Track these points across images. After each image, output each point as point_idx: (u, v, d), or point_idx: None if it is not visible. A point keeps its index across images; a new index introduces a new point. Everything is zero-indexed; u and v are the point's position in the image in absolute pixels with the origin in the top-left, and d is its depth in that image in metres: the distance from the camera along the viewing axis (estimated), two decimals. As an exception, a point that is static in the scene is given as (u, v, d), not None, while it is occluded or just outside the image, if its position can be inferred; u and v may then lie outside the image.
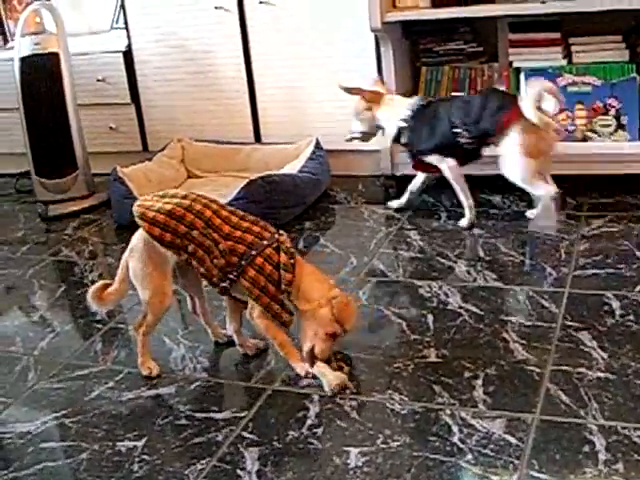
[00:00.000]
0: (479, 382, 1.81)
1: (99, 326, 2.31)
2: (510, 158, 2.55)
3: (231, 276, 1.91)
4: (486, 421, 1.68)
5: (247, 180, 2.87)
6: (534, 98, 2.46)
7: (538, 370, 1.82)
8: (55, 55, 3.11)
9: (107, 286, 2.01)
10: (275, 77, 3.25)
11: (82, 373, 2.06)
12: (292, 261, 1.90)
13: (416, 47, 3.22)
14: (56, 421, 1.87)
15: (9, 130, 3.60)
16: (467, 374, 1.85)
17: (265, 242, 1.91)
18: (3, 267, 2.84)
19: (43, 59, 3.11)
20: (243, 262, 1.89)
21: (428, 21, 3.00)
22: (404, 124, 2.69)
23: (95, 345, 2.20)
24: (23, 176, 3.55)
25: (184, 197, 1.97)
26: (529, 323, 2.03)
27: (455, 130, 2.59)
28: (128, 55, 3.46)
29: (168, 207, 1.93)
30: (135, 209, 1.96)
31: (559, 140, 2.63)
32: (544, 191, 2.56)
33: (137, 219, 1.94)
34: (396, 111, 2.72)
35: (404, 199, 2.89)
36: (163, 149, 3.36)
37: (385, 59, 3.02)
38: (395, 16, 2.93)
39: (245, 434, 1.74)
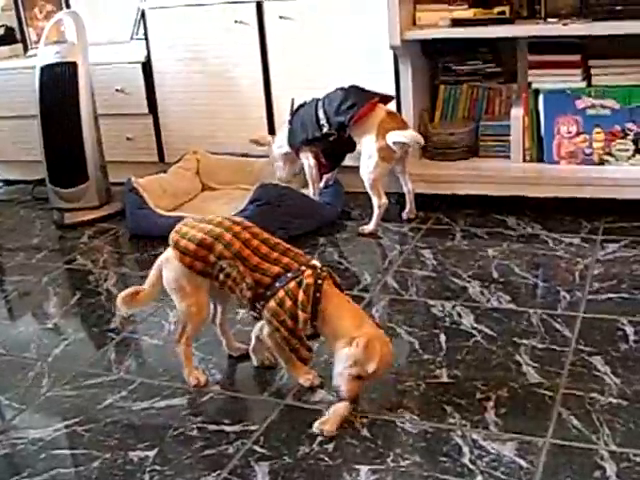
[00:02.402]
0: (491, 404, 1.81)
1: (113, 335, 2.32)
2: (364, 158, 2.85)
3: (258, 306, 1.90)
4: (497, 443, 1.68)
5: (260, 182, 2.91)
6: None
7: (550, 394, 1.82)
8: (73, 65, 3.13)
9: (138, 292, 2.03)
10: (293, 92, 3.26)
11: (95, 382, 2.07)
12: (316, 295, 1.82)
13: (435, 65, 3.23)
14: (68, 429, 1.88)
15: (28, 137, 3.62)
16: (479, 395, 1.85)
17: (290, 275, 1.86)
18: (18, 274, 2.86)
19: (62, 68, 3.14)
20: (268, 293, 1.87)
21: (447, 40, 3.01)
22: (289, 126, 3.03)
23: (108, 354, 2.21)
24: (40, 183, 3.57)
25: (218, 224, 1.94)
26: (542, 346, 2.03)
27: (320, 122, 2.89)
28: (147, 66, 3.48)
29: (199, 236, 1.91)
30: (171, 236, 1.97)
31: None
32: (377, 200, 2.86)
33: (171, 247, 1.96)
34: (283, 127, 3.10)
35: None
36: (178, 161, 3.39)
37: (403, 76, 3.03)
38: (414, 34, 2.95)
39: (256, 448, 1.74)
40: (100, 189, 3.32)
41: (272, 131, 3.33)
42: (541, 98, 2.92)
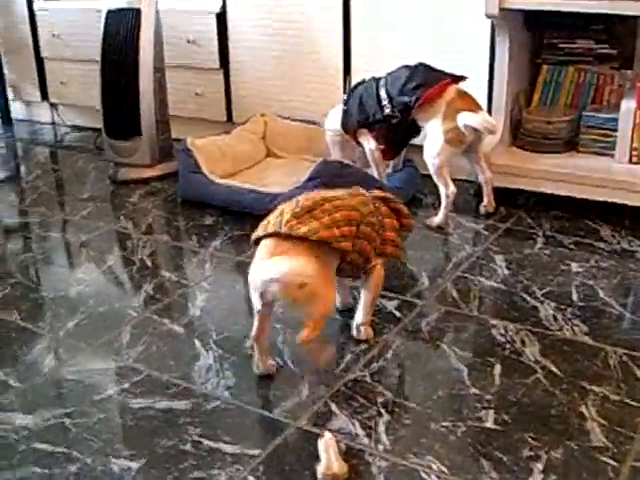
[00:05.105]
0: (539, 466, 1.48)
1: (133, 314, 2.10)
2: (429, 140, 2.54)
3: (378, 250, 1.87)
4: (537, 523, 1.36)
5: (323, 159, 2.61)
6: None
7: (615, 464, 1.48)
8: (137, 12, 2.89)
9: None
10: (375, 58, 2.93)
11: (100, 367, 1.86)
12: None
13: (538, 41, 2.82)
14: (57, 420, 1.67)
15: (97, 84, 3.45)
16: (526, 452, 1.52)
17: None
18: (56, 230, 2.68)
19: (126, 14, 2.91)
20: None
21: (556, 12, 2.57)
22: (343, 107, 2.71)
23: (122, 336, 1.99)
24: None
25: (321, 203, 1.78)
26: (615, 398, 1.67)
27: (381, 103, 2.58)
28: (222, 18, 3.21)
29: (337, 216, 1.76)
30: (320, 235, 1.72)
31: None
32: (444, 189, 2.55)
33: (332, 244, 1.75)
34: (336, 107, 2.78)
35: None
36: (245, 122, 3.13)
37: (500, 51, 2.65)
38: (517, 3, 2.52)
39: (251, 479, 1.48)
40: (154, 146, 3.08)
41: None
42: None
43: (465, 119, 2.43)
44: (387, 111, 2.56)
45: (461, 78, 2.52)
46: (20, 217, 2.84)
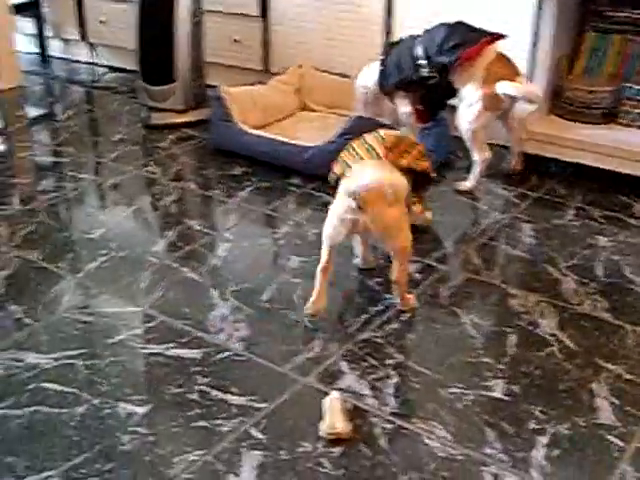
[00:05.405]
0: (544, 440, 1.47)
1: (153, 260, 2.11)
2: (465, 104, 2.46)
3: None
4: (535, 496, 1.35)
5: (355, 115, 2.57)
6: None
7: (621, 444, 1.46)
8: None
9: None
10: (417, 15, 2.85)
11: (114, 310, 1.88)
12: None
13: (585, 7, 2.72)
14: (69, 360, 1.69)
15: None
16: (532, 425, 1.51)
17: None
18: (85, 171, 2.69)
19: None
20: None
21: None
22: (381, 66, 2.62)
23: (140, 281, 2.00)
24: (140, 75, 3.38)
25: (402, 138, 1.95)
26: (629, 377, 1.64)
27: (418, 62, 2.48)
28: (264, -35, 3.17)
29: (419, 149, 1.96)
30: (422, 166, 1.96)
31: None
32: (478, 155, 2.49)
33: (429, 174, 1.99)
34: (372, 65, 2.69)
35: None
36: (281, 73, 3.08)
37: (545, 14, 2.57)
38: (566, -34, 2.47)
39: (253, 432, 1.49)
40: (188, 92, 3.05)
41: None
42: None
43: (506, 88, 2.35)
44: (424, 72, 2.48)
45: (501, 36, 2.43)
46: (50, 156, 2.85)
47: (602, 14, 2.68)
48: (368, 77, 2.67)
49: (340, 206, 1.76)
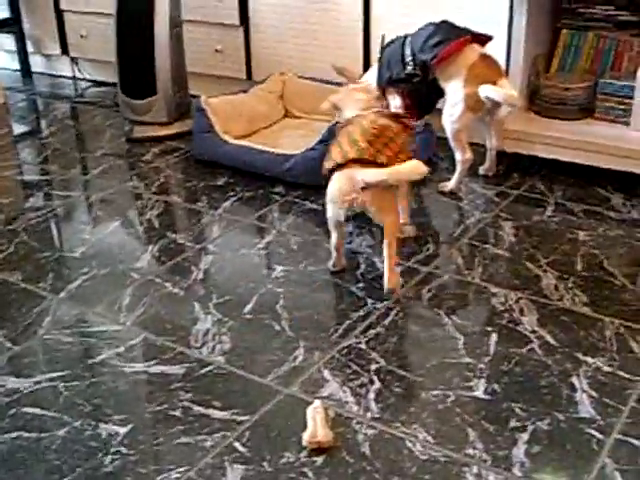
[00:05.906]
0: (524, 437, 1.48)
1: (135, 276, 2.11)
2: (449, 104, 2.48)
3: None
4: (516, 495, 1.36)
5: (335, 121, 2.57)
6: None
7: (600, 436, 1.47)
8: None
9: None
10: (395, 20, 2.86)
11: (97, 330, 1.88)
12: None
13: (559, 5, 2.73)
14: (50, 383, 1.69)
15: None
16: (513, 423, 1.51)
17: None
18: (67, 188, 2.69)
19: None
20: None
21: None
22: (378, 64, 2.63)
23: (122, 298, 2.01)
24: (122, 90, 3.38)
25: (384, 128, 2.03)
26: (608, 369, 1.65)
27: (405, 61, 2.53)
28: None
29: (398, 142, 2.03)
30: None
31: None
32: (460, 155, 2.50)
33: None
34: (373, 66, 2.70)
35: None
36: (263, 81, 3.10)
37: (518, 13, 2.57)
38: (536, -36, 2.48)
39: (237, 445, 1.50)
40: (170, 104, 3.05)
41: (366, 66, 2.97)
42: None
43: (488, 92, 2.34)
44: (409, 69, 2.50)
45: (485, 38, 2.44)
46: (34, 174, 2.85)
47: (575, 11, 2.69)
48: (370, 76, 2.66)
49: (345, 187, 1.93)
